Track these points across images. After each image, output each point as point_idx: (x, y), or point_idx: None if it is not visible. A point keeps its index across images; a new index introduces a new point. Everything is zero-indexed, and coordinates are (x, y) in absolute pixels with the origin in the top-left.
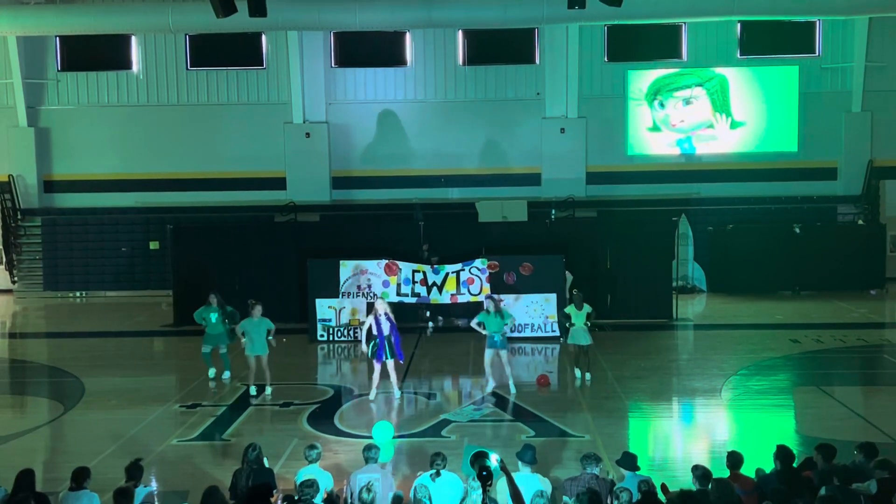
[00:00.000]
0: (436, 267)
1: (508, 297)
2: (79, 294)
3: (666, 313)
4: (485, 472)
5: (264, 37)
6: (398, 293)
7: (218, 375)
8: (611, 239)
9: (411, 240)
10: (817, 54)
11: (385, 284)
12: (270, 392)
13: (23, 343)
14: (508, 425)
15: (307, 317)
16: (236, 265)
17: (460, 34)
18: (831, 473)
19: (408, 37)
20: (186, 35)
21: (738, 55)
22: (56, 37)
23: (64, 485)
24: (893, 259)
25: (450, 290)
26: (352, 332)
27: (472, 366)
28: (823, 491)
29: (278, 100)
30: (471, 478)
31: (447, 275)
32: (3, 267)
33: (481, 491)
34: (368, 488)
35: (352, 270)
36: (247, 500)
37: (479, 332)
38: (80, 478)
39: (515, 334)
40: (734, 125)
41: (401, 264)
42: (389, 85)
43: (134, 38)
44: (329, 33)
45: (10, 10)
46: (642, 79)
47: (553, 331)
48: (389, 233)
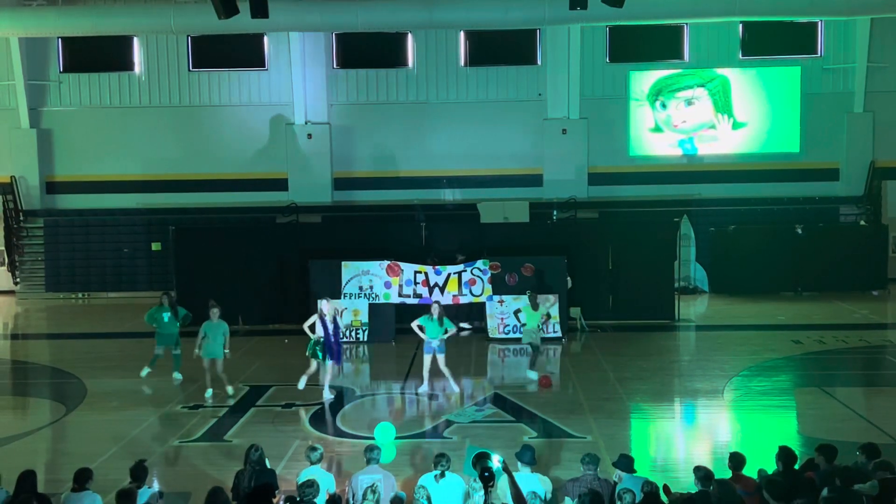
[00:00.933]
0: (437, 268)
1: (509, 297)
2: (81, 295)
3: (668, 314)
4: (486, 473)
5: (266, 38)
6: (400, 294)
7: (150, 371)
8: (612, 240)
9: (413, 241)
10: (819, 55)
11: (387, 285)
12: (233, 391)
13: (25, 344)
14: (510, 426)
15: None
16: (238, 266)
17: (462, 35)
18: (833, 474)
19: (409, 38)
20: (188, 36)
21: (740, 56)
22: (58, 38)
23: (66, 486)
24: (895, 260)
25: (452, 292)
26: (354, 334)
27: (473, 367)
28: (825, 492)
29: (280, 101)
30: (472, 479)
31: (449, 276)
32: (5, 268)
33: (483, 492)
34: (373, 489)
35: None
36: (248, 501)
37: (418, 334)
38: (82, 479)
39: (518, 335)
40: (736, 126)
41: (403, 265)
42: (391, 86)
43: (136, 40)
44: (331, 34)
45: (13, 11)
46: (644, 79)
47: (555, 331)
48: (391, 234)
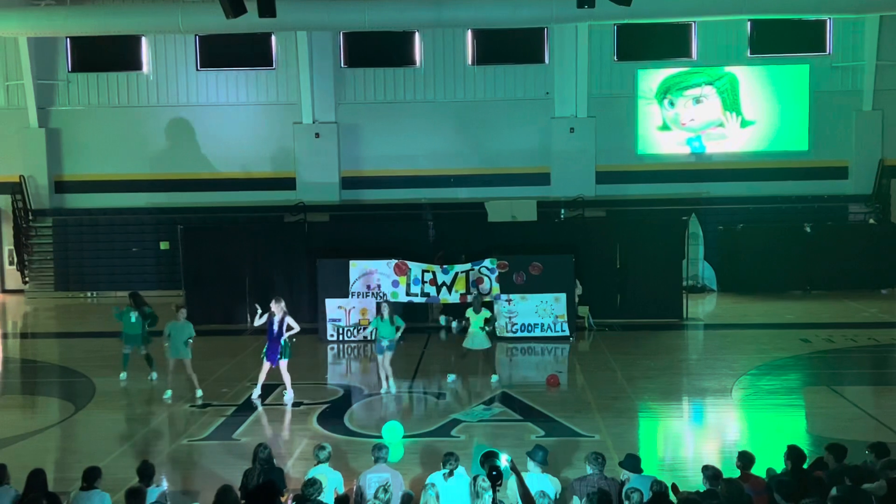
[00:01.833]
0: (445, 267)
1: (517, 296)
2: (89, 294)
3: (676, 313)
4: (495, 472)
5: (274, 37)
6: (408, 293)
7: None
8: (620, 238)
9: (421, 240)
10: (828, 53)
11: (394, 284)
12: (201, 394)
13: (34, 343)
14: (518, 425)
15: (317, 317)
16: (246, 265)
17: (469, 34)
18: (843, 473)
19: (417, 37)
20: (196, 36)
21: (748, 54)
22: (66, 38)
23: (75, 484)
24: None
25: (459, 290)
26: (361, 332)
27: (481, 365)
28: (834, 491)
29: (288, 100)
30: (480, 478)
31: (456, 275)
32: (14, 267)
33: (491, 491)
34: (385, 488)
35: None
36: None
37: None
38: (91, 477)
39: (525, 334)
40: (744, 124)
41: (410, 264)
42: (399, 85)
43: (144, 39)
44: (338, 33)
45: (21, 11)
46: (652, 78)
47: (563, 331)
48: (399, 233)
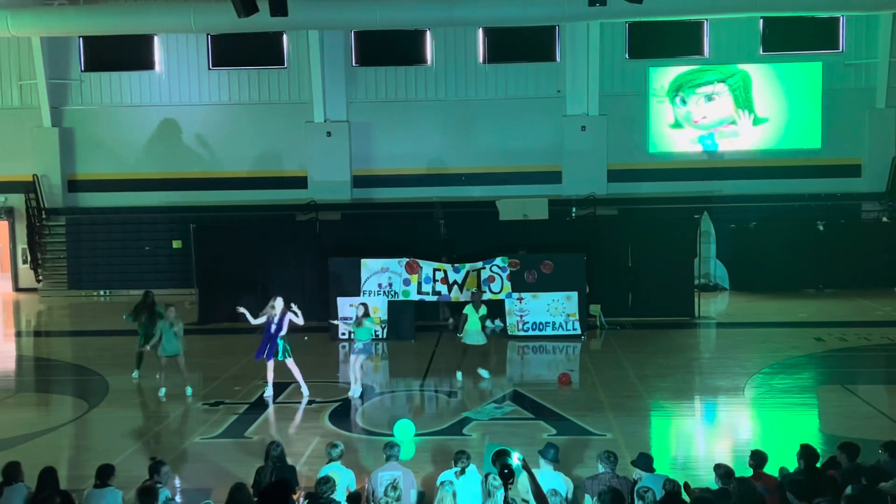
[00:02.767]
0: (456, 265)
1: (528, 294)
2: (103, 293)
3: (688, 311)
4: (506, 471)
5: (285, 36)
6: (419, 292)
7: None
8: (632, 237)
9: (432, 238)
10: (841, 50)
11: (406, 283)
12: (191, 391)
13: (48, 341)
14: (530, 424)
15: (329, 315)
16: (258, 264)
17: (481, 32)
18: (858, 473)
19: (428, 35)
20: (208, 35)
21: (761, 51)
22: (79, 37)
23: (88, 482)
24: None
25: (470, 289)
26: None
27: (492, 364)
28: (849, 490)
29: (299, 99)
30: (492, 476)
31: (468, 273)
32: (28, 266)
33: (503, 489)
34: (394, 486)
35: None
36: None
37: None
38: (104, 475)
39: (537, 332)
40: (757, 121)
41: (422, 263)
42: (410, 83)
43: (156, 39)
44: (350, 32)
45: (35, 11)
46: (664, 75)
47: (574, 329)
48: (410, 231)
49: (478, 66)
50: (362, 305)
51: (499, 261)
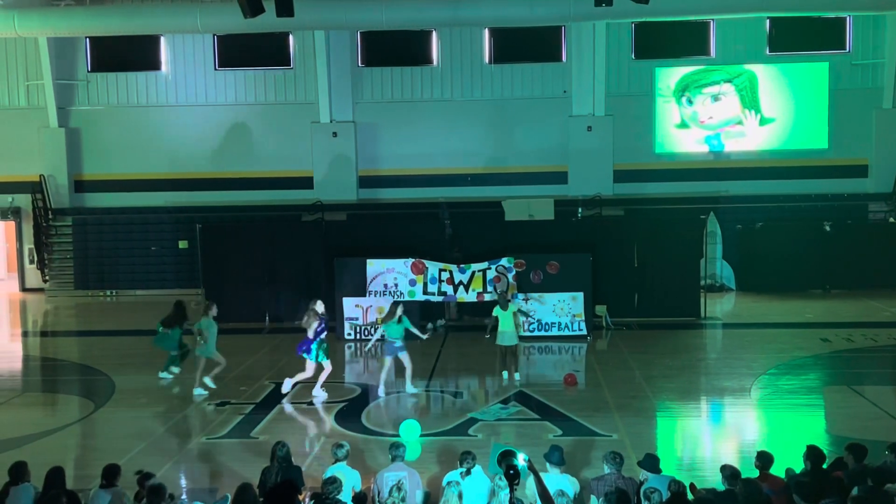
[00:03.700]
0: (462, 266)
1: (534, 295)
2: (109, 293)
3: (694, 312)
4: (512, 472)
5: (291, 37)
6: (425, 292)
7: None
8: (638, 237)
9: (438, 238)
10: (847, 50)
11: (412, 283)
12: (206, 392)
13: (54, 341)
14: (535, 424)
15: (334, 315)
16: (264, 264)
17: (486, 32)
18: (864, 474)
19: (434, 35)
20: (214, 35)
21: (767, 52)
22: (86, 38)
23: (94, 482)
24: None
25: (476, 289)
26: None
27: (498, 364)
28: (855, 491)
29: (305, 99)
30: (498, 477)
31: (473, 273)
32: (34, 266)
33: (508, 490)
34: (399, 486)
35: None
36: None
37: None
38: (110, 475)
39: (543, 333)
40: (763, 122)
41: (427, 263)
42: (416, 84)
43: (163, 39)
44: (356, 33)
45: (41, 11)
46: (670, 76)
47: (580, 329)
48: (416, 232)
49: (483, 66)
50: (400, 305)
51: (505, 261)
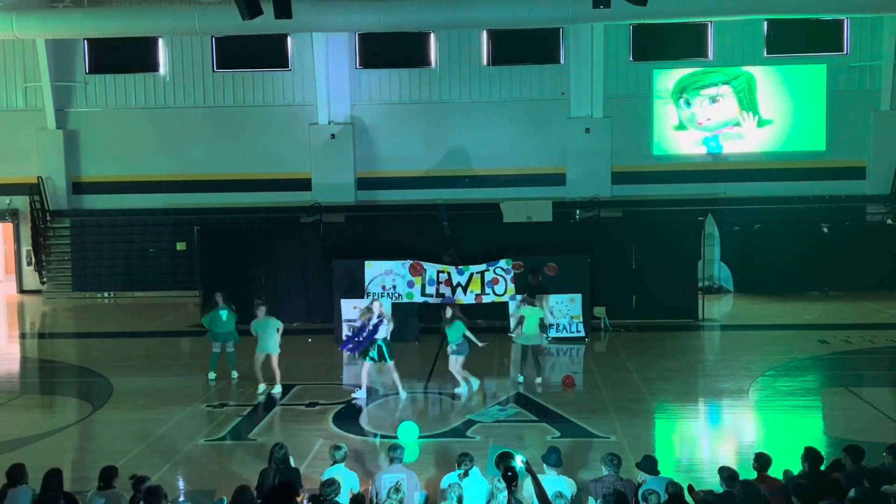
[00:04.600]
0: (460, 268)
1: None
2: (107, 294)
3: (692, 314)
4: (510, 473)
5: (289, 39)
6: (423, 294)
7: (225, 375)
8: (636, 239)
9: (436, 240)
10: (845, 52)
11: (410, 285)
12: (280, 390)
13: (52, 343)
14: (534, 426)
15: (332, 317)
16: (262, 266)
17: (484, 34)
18: (861, 475)
19: (432, 37)
20: (213, 37)
21: (765, 54)
22: (84, 40)
23: (92, 484)
24: None
25: (474, 291)
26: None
27: (496, 366)
28: (853, 493)
29: (303, 101)
30: (496, 478)
31: (472, 275)
32: (32, 268)
33: (507, 492)
34: (397, 488)
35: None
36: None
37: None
38: (108, 477)
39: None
40: (761, 123)
41: (425, 265)
42: (414, 85)
43: (161, 41)
44: (354, 34)
45: (39, 13)
46: (668, 77)
47: (578, 331)
48: (414, 233)
49: (482, 68)
50: (450, 308)
51: (503, 263)
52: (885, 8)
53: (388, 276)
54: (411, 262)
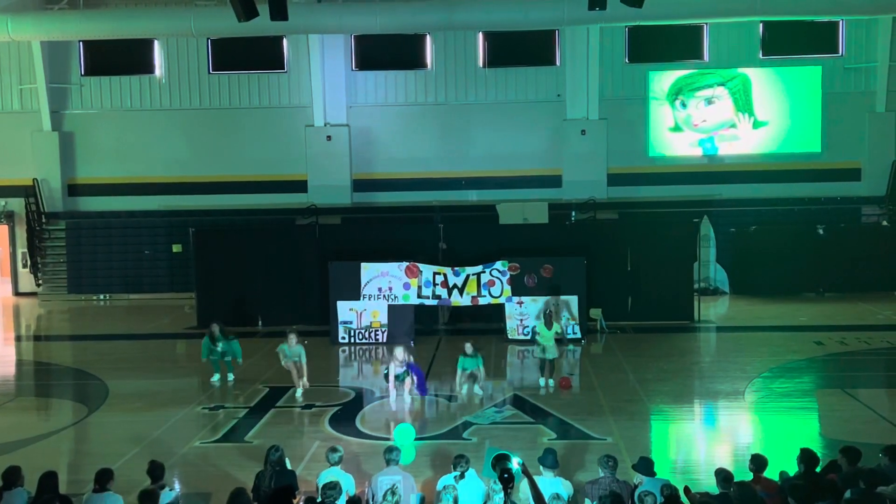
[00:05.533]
0: (456, 269)
1: (528, 298)
2: (102, 297)
3: (688, 315)
4: (506, 475)
5: (285, 40)
6: (419, 295)
7: (222, 377)
8: (632, 241)
9: (432, 242)
10: (840, 54)
11: (406, 286)
12: (301, 392)
13: (47, 345)
14: (530, 428)
15: (328, 319)
16: (258, 268)
17: (481, 36)
18: (857, 477)
19: (428, 39)
20: (208, 39)
21: (761, 55)
22: (80, 41)
23: (88, 487)
24: None
25: (470, 293)
26: (373, 335)
27: (492, 368)
28: (848, 494)
29: (299, 103)
30: (492, 480)
31: (468, 277)
32: (27, 270)
33: (503, 494)
34: (393, 490)
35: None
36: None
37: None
38: (103, 479)
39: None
40: (757, 125)
41: (421, 267)
42: (410, 87)
43: (157, 43)
44: (350, 36)
45: (35, 15)
46: (664, 79)
47: (574, 333)
48: (410, 235)
49: (478, 69)
50: (470, 345)
51: (499, 264)
52: (879, 10)
53: (384, 277)
54: (407, 263)
